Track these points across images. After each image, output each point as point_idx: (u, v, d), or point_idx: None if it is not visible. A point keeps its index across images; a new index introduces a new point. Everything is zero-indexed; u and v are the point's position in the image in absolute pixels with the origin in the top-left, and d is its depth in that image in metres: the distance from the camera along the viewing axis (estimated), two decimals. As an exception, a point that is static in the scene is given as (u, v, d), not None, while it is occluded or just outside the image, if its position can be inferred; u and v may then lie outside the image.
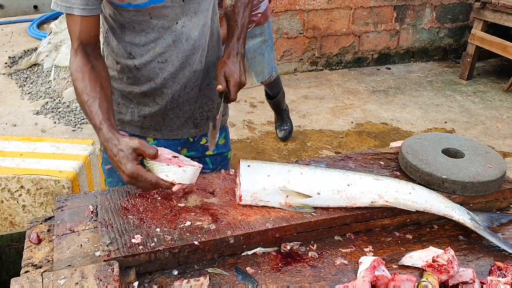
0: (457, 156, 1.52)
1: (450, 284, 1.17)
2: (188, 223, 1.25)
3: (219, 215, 1.29)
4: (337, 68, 5.79)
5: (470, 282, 1.17)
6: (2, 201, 2.35)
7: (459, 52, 6.13)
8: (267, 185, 1.30)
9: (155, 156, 1.26)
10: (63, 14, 1.50)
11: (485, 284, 1.17)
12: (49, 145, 2.58)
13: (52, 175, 2.32)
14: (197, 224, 1.25)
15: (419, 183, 1.43)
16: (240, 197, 1.31)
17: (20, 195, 2.33)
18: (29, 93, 4.52)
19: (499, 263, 1.22)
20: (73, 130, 4.00)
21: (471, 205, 1.42)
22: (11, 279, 1.06)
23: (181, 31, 1.49)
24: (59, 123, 4.10)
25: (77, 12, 1.37)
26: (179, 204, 1.33)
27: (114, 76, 1.59)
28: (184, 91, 1.61)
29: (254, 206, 1.32)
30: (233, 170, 1.49)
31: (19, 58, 5.23)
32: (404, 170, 1.52)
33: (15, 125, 4.05)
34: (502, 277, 1.19)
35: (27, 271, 1.17)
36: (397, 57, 6.04)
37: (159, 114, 1.62)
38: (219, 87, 1.50)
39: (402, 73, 5.81)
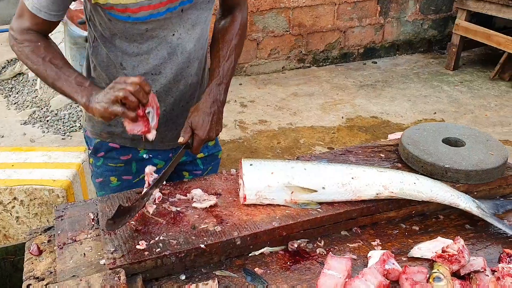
0: (458, 145, 1.52)
1: (462, 274, 1.16)
2: (193, 226, 1.23)
3: (224, 216, 1.26)
4: (324, 64, 5.79)
5: (481, 270, 1.16)
6: (-5, 214, 2.30)
7: (443, 43, 6.17)
8: (272, 182, 1.28)
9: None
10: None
11: (496, 271, 1.16)
12: (41, 154, 2.53)
13: (46, 185, 2.27)
14: (202, 227, 1.23)
15: (422, 174, 1.42)
16: (245, 196, 1.29)
17: (13, 206, 2.28)
18: (15, 103, 4.45)
19: (508, 250, 1.22)
20: (62, 139, 3.93)
21: (475, 193, 1.42)
22: (15, 293, 1.02)
23: (177, 43, 1.42)
24: (48, 132, 4.04)
25: (44, 17, 1.35)
26: (182, 208, 1.30)
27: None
28: (179, 105, 1.54)
29: (259, 205, 1.30)
30: (235, 170, 1.46)
31: (3, 68, 5.14)
32: (405, 162, 1.51)
33: (2, 136, 3.98)
34: (512, 264, 1.18)
35: (29, 285, 1.13)
36: (383, 51, 6.06)
37: None
38: (180, 140, 1.38)
39: (388, 66, 5.83)
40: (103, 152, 1.56)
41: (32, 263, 1.20)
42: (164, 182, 1.40)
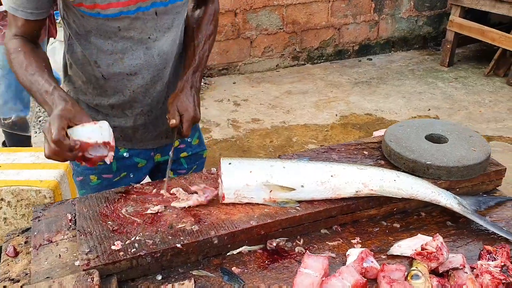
0: (441, 141, 1.51)
1: (440, 271, 1.15)
2: (171, 225, 1.22)
3: (202, 215, 1.25)
4: (319, 61, 5.77)
5: (460, 267, 1.15)
6: (-18, 215, 2.28)
7: (438, 40, 6.16)
8: (250, 181, 1.27)
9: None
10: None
11: (475, 268, 1.15)
12: (28, 154, 2.51)
13: (33, 185, 2.26)
14: (179, 226, 1.22)
15: (404, 171, 1.41)
16: (223, 195, 1.27)
17: (1, 207, 2.27)
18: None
19: (488, 247, 1.21)
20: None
21: (457, 189, 1.41)
22: (-14, 296, 1.01)
23: (153, 45, 1.41)
24: (40, 132, 4.03)
25: (22, 15, 1.33)
26: (159, 207, 1.29)
27: (79, 87, 1.51)
28: (157, 107, 1.54)
29: (238, 204, 1.29)
30: (215, 169, 1.45)
31: None
32: (388, 159, 1.49)
33: (-7, 137, 3.97)
34: (492, 261, 1.17)
35: (4, 286, 1.12)
36: (378, 48, 6.05)
37: (129, 128, 1.55)
38: (173, 121, 1.39)
39: (383, 63, 5.81)
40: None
41: (8, 265, 1.19)
42: (146, 181, 1.40)
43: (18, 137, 3.17)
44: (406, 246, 1.24)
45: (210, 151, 3.79)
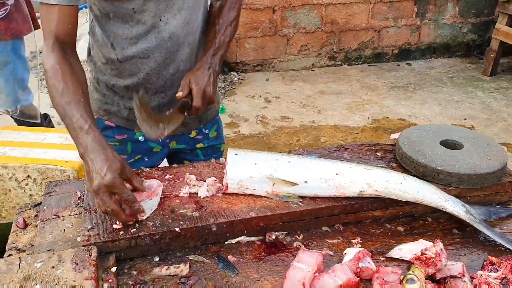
0: (456, 147, 1.47)
1: (437, 277, 1.13)
2: (172, 210, 1.24)
3: (204, 203, 1.27)
4: (356, 63, 5.71)
5: (458, 276, 1.12)
6: (10, 190, 2.39)
7: (483, 48, 5.97)
8: (254, 173, 1.28)
9: (139, 188, 1.22)
10: (82, 9, 1.47)
11: (474, 278, 1.12)
12: (57, 136, 2.61)
13: (58, 165, 2.34)
14: (180, 211, 1.24)
15: (414, 175, 1.38)
16: (227, 185, 1.29)
17: (27, 184, 2.36)
18: (46, 87, 4.60)
19: (492, 258, 1.17)
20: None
21: (468, 198, 1.37)
22: (-11, 260, 1.07)
23: (164, 28, 1.44)
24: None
25: (55, 1, 1.32)
26: (167, 192, 1.32)
27: (99, 67, 1.56)
28: (171, 89, 1.56)
29: (241, 195, 1.30)
30: (224, 159, 1.47)
31: (40, 53, 5.32)
32: (400, 162, 1.47)
33: (31, 118, 4.13)
34: (494, 272, 1.14)
35: (10, 255, 1.18)
36: (418, 53, 5.92)
37: None
38: (179, 93, 1.35)
39: (422, 69, 5.69)
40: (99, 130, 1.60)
41: (17, 235, 1.25)
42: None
43: (30, 125, 3.29)
44: (407, 250, 1.22)
45: (236, 145, 3.83)
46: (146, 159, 1.68)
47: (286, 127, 4.17)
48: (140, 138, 1.63)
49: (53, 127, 3.46)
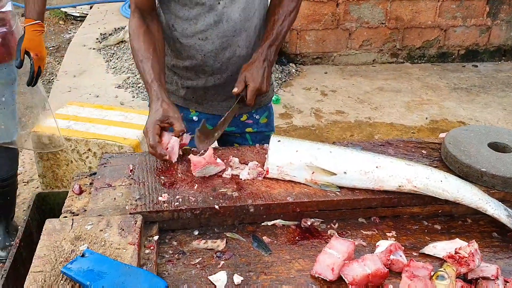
0: (505, 151, 1.44)
1: (468, 277, 1.12)
2: (214, 188, 1.31)
3: (244, 184, 1.33)
4: (420, 62, 5.56)
5: (492, 278, 1.11)
6: (72, 161, 2.56)
7: (557, 53, 5.64)
8: (294, 160, 1.32)
9: (176, 133, 1.42)
10: None
11: (508, 282, 1.11)
12: (118, 113, 2.75)
13: (117, 141, 2.48)
14: (221, 190, 1.30)
15: (457, 175, 1.37)
16: (267, 170, 1.34)
17: (87, 157, 2.52)
18: (113, 68, 4.82)
19: (530, 264, 1.15)
20: (148, 105, 4.20)
21: (513, 202, 1.34)
22: (46, 220, 1.17)
23: (222, 11, 1.52)
24: (137, 97, 4.34)
25: None
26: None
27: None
28: (226, 71, 1.64)
29: (281, 180, 1.35)
30: (268, 145, 1.51)
31: (109, 35, 5.58)
32: (444, 161, 1.46)
33: (97, 96, 4.36)
34: (531, 278, 1.12)
35: (65, 217, 1.29)
36: (486, 55, 5.68)
37: (201, 88, 1.69)
38: (235, 90, 1.52)
39: (489, 71, 5.46)
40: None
41: (72, 200, 1.36)
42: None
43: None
44: (441, 248, 1.22)
45: (287, 136, 3.86)
46: None
47: (340, 122, 4.16)
48: (194, 118, 1.71)
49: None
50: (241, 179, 1.35)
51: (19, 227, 1.67)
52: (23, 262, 1.53)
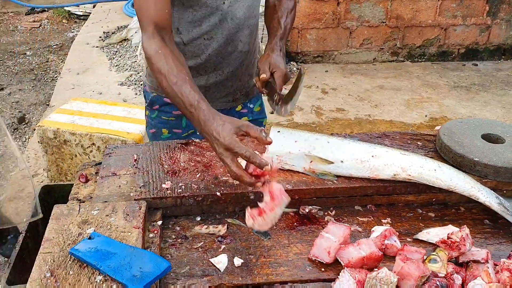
0: (497, 142, 1.48)
1: (460, 261, 1.17)
2: (216, 177, 1.35)
3: (245, 173, 1.37)
4: (420, 60, 5.60)
5: (482, 261, 1.16)
6: (76, 155, 2.61)
7: (557, 52, 5.68)
8: (293, 149, 1.37)
9: (258, 138, 1.19)
10: None
11: (497, 265, 1.15)
12: (122, 109, 2.80)
13: (120, 136, 2.53)
14: (223, 178, 1.35)
15: (451, 165, 1.41)
16: (267, 159, 1.38)
17: (91, 151, 2.57)
18: (116, 66, 4.88)
19: (519, 249, 1.20)
20: (197, 132, 4.24)
21: (504, 191, 1.39)
22: (54, 205, 1.22)
23: (227, 10, 1.55)
24: (140, 94, 4.39)
25: None
26: (213, 159, 1.43)
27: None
28: (227, 66, 1.67)
29: (280, 169, 1.39)
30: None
31: (112, 33, 5.63)
32: (439, 152, 1.51)
33: (100, 93, 4.41)
34: (519, 261, 1.16)
35: (72, 203, 1.33)
36: (486, 54, 5.72)
37: (202, 87, 1.69)
38: (263, 76, 1.45)
39: (489, 70, 5.49)
40: (158, 106, 1.74)
41: (79, 188, 1.41)
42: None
43: None
44: (435, 234, 1.27)
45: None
46: (198, 133, 1.81)
47: (340, 119, 4.20)
48: None
49: None
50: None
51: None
52: (29, 253, 1.57)
